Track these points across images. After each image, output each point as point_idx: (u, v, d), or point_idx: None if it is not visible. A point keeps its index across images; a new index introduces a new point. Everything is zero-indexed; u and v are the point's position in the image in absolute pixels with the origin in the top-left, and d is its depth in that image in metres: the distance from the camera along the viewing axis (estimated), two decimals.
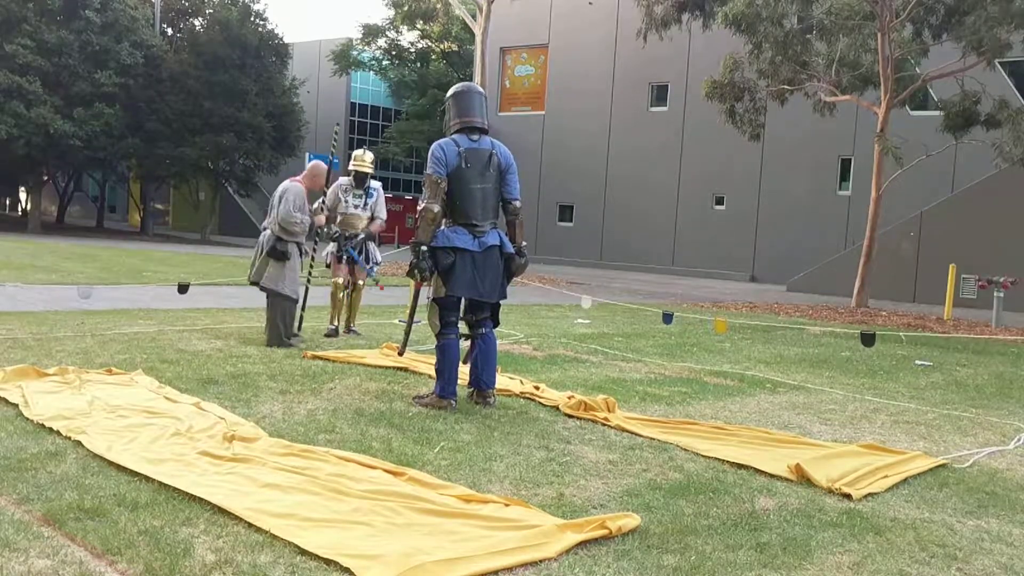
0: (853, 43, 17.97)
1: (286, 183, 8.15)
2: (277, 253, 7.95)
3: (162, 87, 32.85)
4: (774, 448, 5.09)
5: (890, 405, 7.01)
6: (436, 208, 5.60)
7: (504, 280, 5.91)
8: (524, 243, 6.04)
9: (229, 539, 3.27)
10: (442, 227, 5.74)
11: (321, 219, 8.50)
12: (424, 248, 5.60)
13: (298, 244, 8.13)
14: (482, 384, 5.88)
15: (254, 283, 8.17)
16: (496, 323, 6.01)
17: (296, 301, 8.31)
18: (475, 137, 5.79)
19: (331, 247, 9.04)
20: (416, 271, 5.65)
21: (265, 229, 8.15)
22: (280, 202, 7.97)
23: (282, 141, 35.08)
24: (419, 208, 5.71)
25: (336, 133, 10.24)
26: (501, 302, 6.02)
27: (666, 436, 5.23)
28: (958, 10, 16.87)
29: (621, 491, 4.14)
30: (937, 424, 6.32)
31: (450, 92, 6.01)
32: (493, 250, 5.77)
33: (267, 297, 8.06)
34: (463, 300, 5.83)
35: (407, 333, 6.30)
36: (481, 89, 6.14)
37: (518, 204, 5.97)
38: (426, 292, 5.94)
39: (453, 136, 5.81)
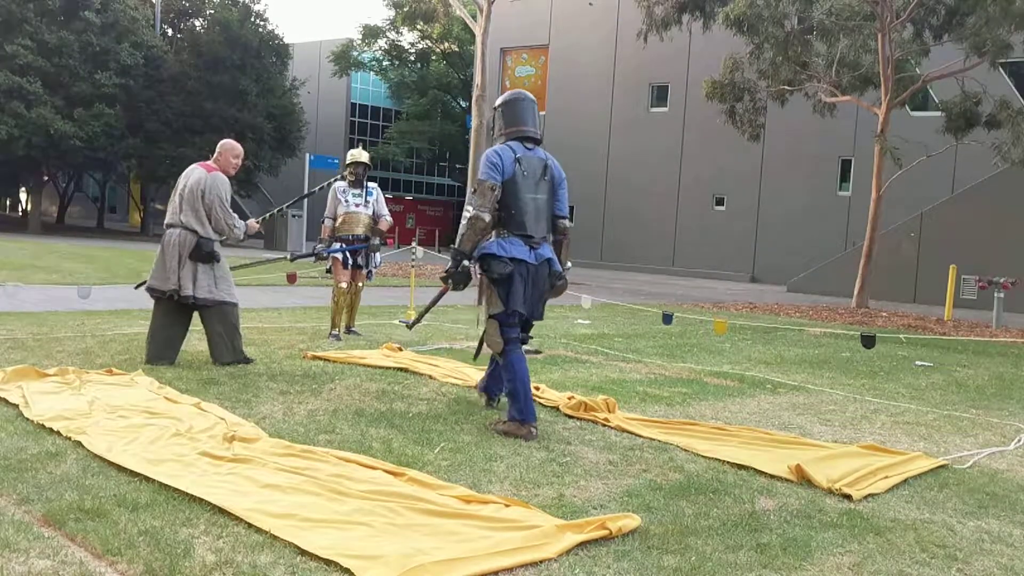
0: (853, 43, 17.96)
1: (201, 172, 6.93)
2: (204, 255, 6.75)
3: (162, 88, 32.86)
4: (774, 449, 5.09)
5: (890, 406, 7.01)
6: (488, 218, 5.19)
7: (545, 299, 5.53)
8: (569, 264, 5.72)
9: (229, 540, 3.27)
10: (492, 238, 5.31)
11: (253, 225, 7.36)
12: (467, 262, 5.19)
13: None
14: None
15: (163, 294, 6.78)
16: (525, 341, 5.60)
17: (238, 304, 7.10)
18: (529, 146, 5.41)
19: (335, 249, 8.92)
20: (451, 280, 5.26)
21: (174, 228, 6.83)
22: (204, 198, 6.81)
23: (282, 142, 35.14)
24: (467, 215, 5.21)
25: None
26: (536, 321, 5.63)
27: (666, 437, 5.23)
28: (959, 11, 16.86)
29: (621, 492, 4.14)
30: (937, 425, 6.32)
31: (498, 102, 5.55)
32: (544, 265, 5.35)
33: (204, 311, 6.87)
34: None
35: (420, 316, 6.81)
36: (532, 96, 5.63)
37: (567, 223, 5.59)
38: (481, 311, 5.52)
39: (508, 143, 5.40)
